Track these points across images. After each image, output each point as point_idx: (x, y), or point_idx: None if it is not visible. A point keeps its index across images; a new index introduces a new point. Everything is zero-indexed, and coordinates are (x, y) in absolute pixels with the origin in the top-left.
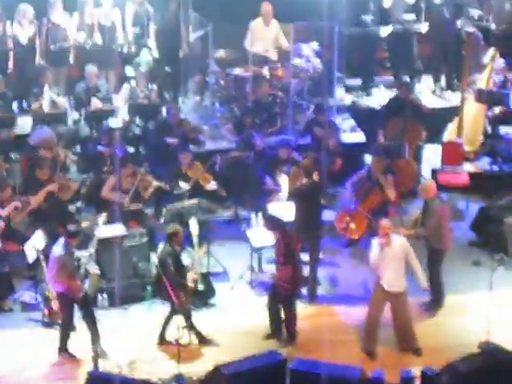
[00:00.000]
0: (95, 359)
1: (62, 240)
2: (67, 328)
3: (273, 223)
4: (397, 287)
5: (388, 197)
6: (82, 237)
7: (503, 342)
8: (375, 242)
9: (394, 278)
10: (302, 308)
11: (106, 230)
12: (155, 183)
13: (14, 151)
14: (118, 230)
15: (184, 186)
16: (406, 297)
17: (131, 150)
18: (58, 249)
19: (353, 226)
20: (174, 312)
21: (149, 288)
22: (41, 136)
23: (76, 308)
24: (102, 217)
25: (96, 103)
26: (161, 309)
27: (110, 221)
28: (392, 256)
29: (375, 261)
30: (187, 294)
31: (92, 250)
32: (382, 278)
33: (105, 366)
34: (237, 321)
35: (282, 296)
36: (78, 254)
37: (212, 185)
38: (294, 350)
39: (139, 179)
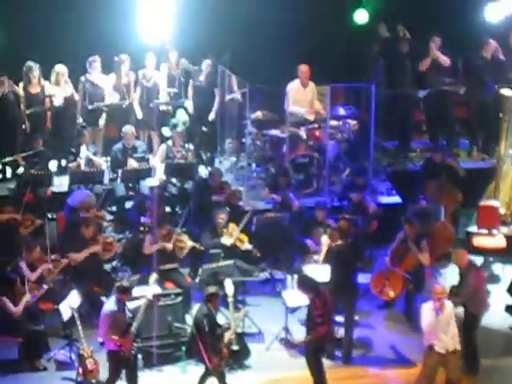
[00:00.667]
0: None
1: (113, 297)
2: None
3: (305, 284)
4: (452, 347)
5: (421, 261)
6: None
7: None
8: (427, 307)
9: (449, 341)
10: (336, 369)
11: (141, 290)
12: (190, 243)
13: (50, 211)
14: (153, 289)
15: (226, 241)
16: (459, 354)
17: (168, 209)
18: (110, 305)
19: (389, 287)
20: (208, 373)
21: (183, 348)
22: (81, 197)
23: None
24: (153, 276)
25: (132, 163)
26: (195, 370)
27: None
28: (446, 320)
29: (430, 326)
30: (222, 356)
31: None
32: (439, 342)
33: None
34: (272, 382)
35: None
36: None
37: (247, 245)
38: None
39: (174, 239)
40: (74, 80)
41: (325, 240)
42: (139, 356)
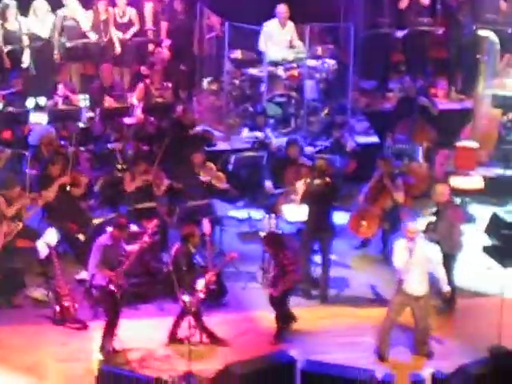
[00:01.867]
0: (107, 355)
1: (109, 230)
2: (112, 325)
3: (274, 241)
4: (419, 291)
5: (396, 200)
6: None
7: None
8: (400, 245)
9: (417, 281)
10: (313, 309)
11: None
12: (167, 181)
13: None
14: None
15: (204, 178)
16: (428, 300)
17: (145, 148)
18: (103, 239)
19: (364, 225)
20: (184, 312)
21: (160, 287)
22: (40, 133)
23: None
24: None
25: (110, 101)
26: (172, 308)
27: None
28: (417, 260)
29: (401, 265)
30: (198, 296)
31: None
32: (406, 281)
33: (116, 362)
34: (248, 321)
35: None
36: None
37: (224, 185)
38: (303, 350)
39: (153, 176)
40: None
41: (300, 181)
42: None
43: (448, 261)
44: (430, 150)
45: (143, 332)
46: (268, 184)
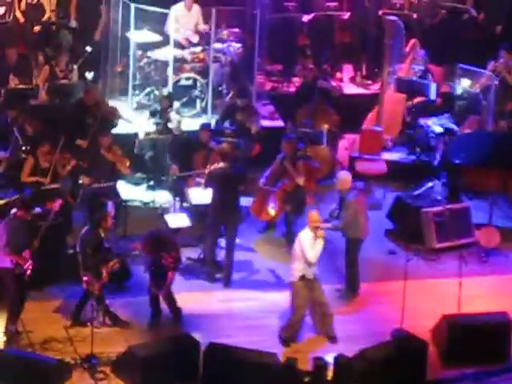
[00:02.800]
0: (10, 337)
1: (13, 211)
2: (16, 307)
3: (153, 243)
4: (316, 271)
5: (297, 182)
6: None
7: (415, 330)
8: (308, 238)
9: (316, 265)
10: (216, 292)
11: None
12: (73, 161)
13: None
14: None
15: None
16: (320, 281)
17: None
18: (7, 219)
19: (268, 209)
20: (87, 295)
21: (64, 269)
22: None
23: None
24: None
25: (15, 82)
26: (76, 290)
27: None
28: (319, 248)
29: (315, 254)
30: (101, 280)
31: None
32: (311, 270)
33: (19, 344)
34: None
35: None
36: None
37: (128, 169)
38: (207, 333)
39: (57, 157)
40: None
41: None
42: None
43: (352, 246)
44: (333, 134)
45: (46, 314)
46: (174, 167)
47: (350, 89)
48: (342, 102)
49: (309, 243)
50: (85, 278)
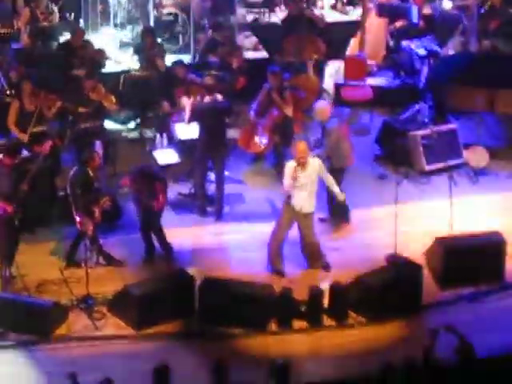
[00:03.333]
0: (4, 282)
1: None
2: (9, 252)
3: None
4: (308, 208)
5: (285, 113)
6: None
7: (409, 254)
8: (289, 167)
9: (306, 199)
10: (209, 226)
11: None
12: (59, 102)
13: None
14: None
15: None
16: (313, 216)
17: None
18: None
19: (256, 140)
20: (80, 236)
21: (56, 211)
22: None
23: None
24: None
25: None
26: (69, 232)
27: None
28: (306, 178)
29: (290, 183)
30: (94, 219)
31: None
32: (294, 198)
33: (13, 288)
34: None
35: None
36: None
37: (115, 106)
38: (202, 268)
39: (42, 98)
40: None
41: (186, 100)
42: None
43: (336, 175)
44: (319, 63)
45: (40, 257)
46: (165, 104)
47: (332, 16)
48: (324, 29)
49: (288, 172)
50: (77, 219)
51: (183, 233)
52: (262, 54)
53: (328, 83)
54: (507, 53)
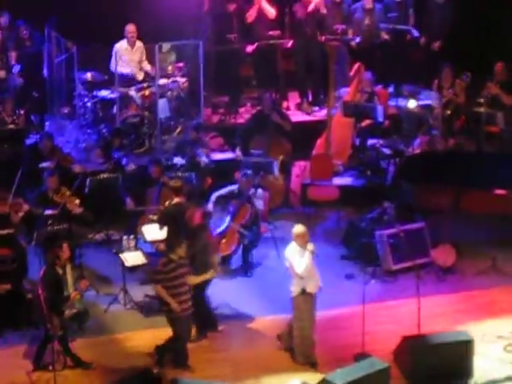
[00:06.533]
0: None
1: None
2: None
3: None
4: (320, 284)
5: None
6: None
7: (377, 353)
8: (296, 252)
9: (318, 278)
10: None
11: None
12: (26, 206)
13: None
14: None
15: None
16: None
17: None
18: None
19: (224, 243)
20: (48, 337)
21: (23, 314)
22: None
23: None
24: None
25: None
26: (36, 335)
27: None
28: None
29: (308, 269)
30: (62, 320)
31: None
32: (311, 283)
33: None
34: (114, 343)
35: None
36: None
37: (79, 209)
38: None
39: (10, 203)
40: None
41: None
42: None
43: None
44: (286, 163)
45: (8, 360)
46: (129, 202)
47: (297, 116)
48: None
49: (296, 257)
50: (49, 319)
51: (151, 335)
52: (229, 154)
53: (295, 183)
54: (472, 151)
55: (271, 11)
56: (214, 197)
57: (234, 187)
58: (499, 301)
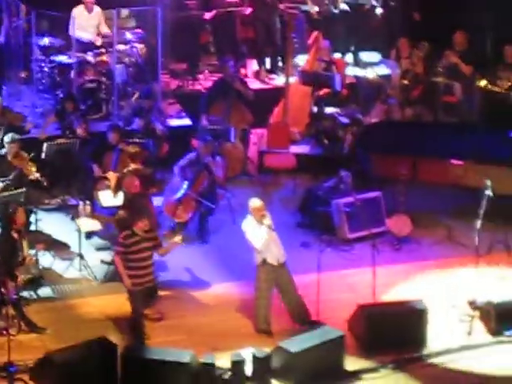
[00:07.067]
0: None
1: None
2: None
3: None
4: (283, 257)
5: (217, 179)
6: None
7: (332, 321)
8: (253, 224)
9: (280, 249)
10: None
11: None
12: None
13: None
14: None
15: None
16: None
17: None
18: None
19: (181, 209)
20: (2, 301)
21: None
22: None
23: None
24: None
25: None
26: None
27: None
28: (274, 233)
29: (266, 242)
30: (16, 284)
31: None
32: (271, 254)
33: None
34: (68, 308)
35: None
36: None
37: (35, 174)
38: (125, 336)
39: None
40: None
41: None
42: None
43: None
44: (245, 131)
45: None
46: (96, 168)
47: (255, 84)
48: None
49: (252, 231)
50: (1, 284)
51: (108, 300)
52: (186, 121)
53: (252, 151)
54: (429, 121)
55: None
56: (176, 169)
57: (192, 155)
58: (454, 270)
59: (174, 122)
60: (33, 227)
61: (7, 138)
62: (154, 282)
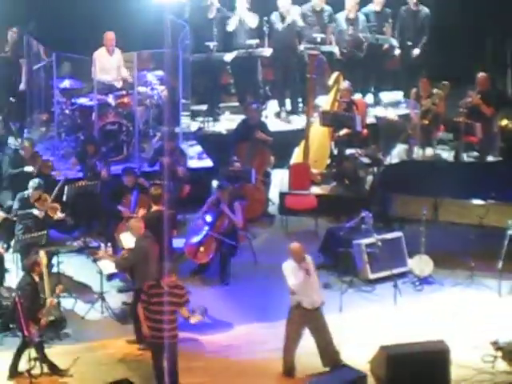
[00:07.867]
0: None
1: None
2: None
3: None
4: (319, 302)
5: (236, 223)
6: None
7: (354, 362)
8: (292, 267)
9: (317, 294)
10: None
11: None
12: (2, 214)
13: None
14: None
15: (37, 212)
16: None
17: None
18: None
19: (202, 251)
20: (25, 344)
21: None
22: None
23: None
24: None
25: None
26: (12, 341)
27: None
28: (314, 277)
29: (301, 286)
30: (40, 327)
31: None
32: (307, 298)
33: None
34: (91, 351)
35: None
36: None
37: (59, 214)
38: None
39: None
40: None
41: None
42: None
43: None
44: (267, 173)
45: None
46: (122, 209)
47: (276, 125)
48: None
49: (289, 273)
50: (24, 326)
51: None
52: (207, 162)
53: (273, 192)
54: (449, 162)
55: (252, 20)
56: (200, 214)
57: (213, 197)
58: (476, 311)
59: (195, 164)
60: (55, 269)
61: (32, 183)
62: (174, 339)
